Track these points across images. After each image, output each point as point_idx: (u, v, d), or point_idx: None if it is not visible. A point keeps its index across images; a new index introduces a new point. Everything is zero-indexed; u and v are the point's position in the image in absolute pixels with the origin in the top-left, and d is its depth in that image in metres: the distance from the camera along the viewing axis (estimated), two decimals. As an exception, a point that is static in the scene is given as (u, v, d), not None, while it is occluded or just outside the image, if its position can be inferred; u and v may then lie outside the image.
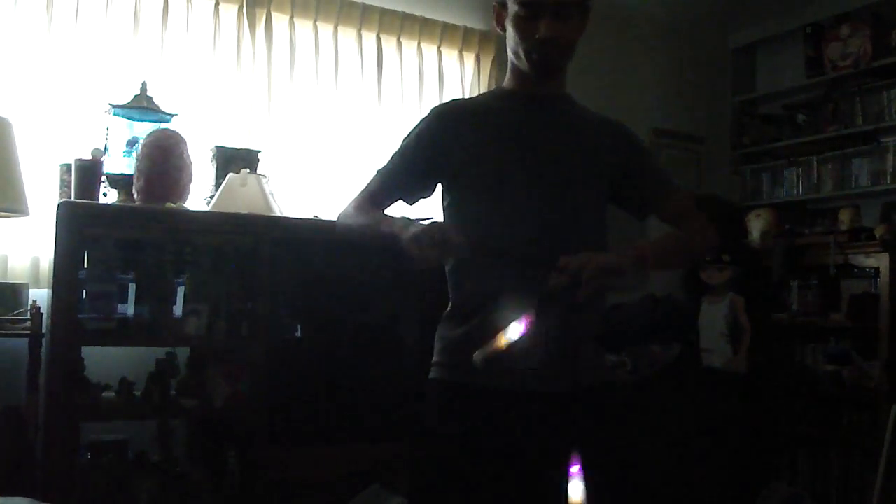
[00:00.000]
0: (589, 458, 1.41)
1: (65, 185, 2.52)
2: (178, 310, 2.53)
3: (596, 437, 1.46)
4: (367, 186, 1.63)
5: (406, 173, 1.59)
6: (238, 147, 2.84)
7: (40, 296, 2.46)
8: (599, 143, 1.57)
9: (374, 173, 1.64)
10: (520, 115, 1.55)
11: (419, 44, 3.45)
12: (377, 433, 2.66)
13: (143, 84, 2.62)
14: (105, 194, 2.53)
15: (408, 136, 1.61)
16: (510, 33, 1.52)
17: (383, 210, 1.58)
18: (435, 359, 1.57)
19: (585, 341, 1.51)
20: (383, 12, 3.35)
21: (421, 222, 1.36)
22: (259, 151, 2.85)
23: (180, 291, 2.55)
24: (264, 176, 2.73)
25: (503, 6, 1.52)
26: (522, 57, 1.51)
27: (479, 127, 1.55)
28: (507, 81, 1.62)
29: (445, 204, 1.59)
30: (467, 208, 1.54)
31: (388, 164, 1.62)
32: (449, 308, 1.57)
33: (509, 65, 1.59)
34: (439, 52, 3.49)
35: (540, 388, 1.45)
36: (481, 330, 1.41)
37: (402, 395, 2.77)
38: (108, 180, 2.53)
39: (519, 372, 1.42)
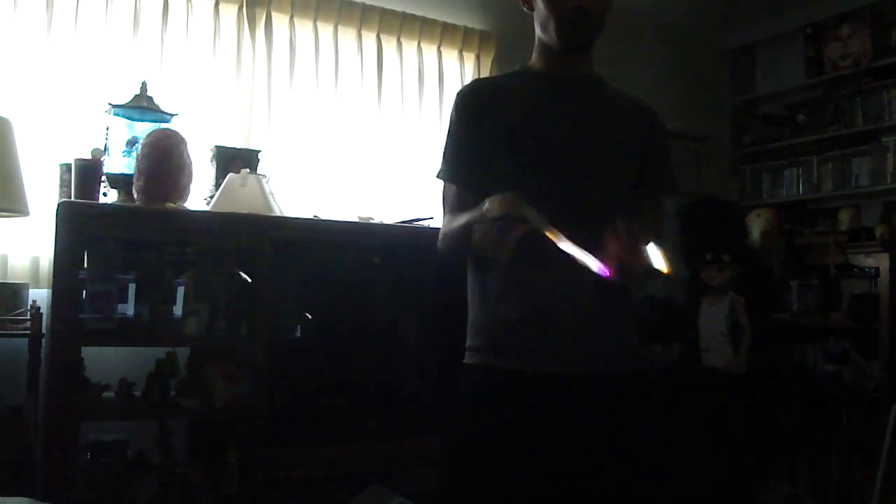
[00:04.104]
0: (604, 445, 1.42)
1: (65, 184, 2.51)
2: (178, 310, 2.52)
3: (611, 424, 1.46)
4: (445, 198, 1.54)
5: (471, 154, 1.49)
6: (238, 147, 2.84)
7: (40, 296, 2.46)
8: (629, 128, 1.52)
9: (443, 189, 1.55)
10: (547, 97, 1.50)
11: (419, 44, 3.44)
12: (377, 433, 2.66)
13: (143, 84, 2.62)
14: (105, 194, 2.53)
15: (449, 131, 1.55)
16: (539, 8, 1.48)
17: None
18: (473, 343, 1.51)
19: (615, 325, 1.49)
20: (383, 12, 3.35)
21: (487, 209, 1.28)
22: (259, 151, 2.85)
23: (180, 291, 2.55)
24: (264, 176, 2.73)
25: None
26: (552, 31, 1.47)
27: (504, 110, 1.49)
28: (533, 61, 1.57)
29: None
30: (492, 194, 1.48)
31: (445, 165, 1.54)
32: (481, 294, 1.51)
33: (536, 44, 1.55)
34: (439, 52, 3.49)
35: (561, 371, 1.43)
36: (530, 315, 1.42)
37: (402, 394, 2.78)
38: (107, 180, 2.53)
39: (543, 353, 1.42)
